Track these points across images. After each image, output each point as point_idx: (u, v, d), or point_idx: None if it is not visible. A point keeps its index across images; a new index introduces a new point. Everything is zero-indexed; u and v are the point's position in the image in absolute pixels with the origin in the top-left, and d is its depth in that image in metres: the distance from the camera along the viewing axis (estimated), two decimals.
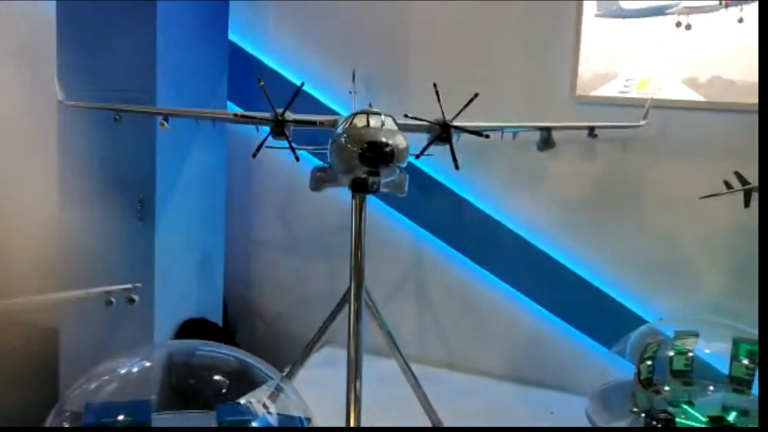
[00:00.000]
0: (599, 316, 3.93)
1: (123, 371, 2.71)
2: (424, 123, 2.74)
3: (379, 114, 2.48)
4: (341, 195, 4.35)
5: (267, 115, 2.78)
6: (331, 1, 4.37)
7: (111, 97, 3.59)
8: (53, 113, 3.92)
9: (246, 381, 2.88)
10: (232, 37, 4.36)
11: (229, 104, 4.34)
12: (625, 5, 3.62)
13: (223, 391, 2.82)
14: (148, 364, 2.81)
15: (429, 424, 3.44)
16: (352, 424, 2.91)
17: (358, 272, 2.99)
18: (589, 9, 3.69)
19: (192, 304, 4.12)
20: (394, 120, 2.52)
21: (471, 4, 4.06)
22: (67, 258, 4.02)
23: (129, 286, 2.61)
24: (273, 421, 2.68)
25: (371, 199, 4.32)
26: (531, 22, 3.93)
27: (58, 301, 3.59)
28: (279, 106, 2.89)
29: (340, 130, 2.50)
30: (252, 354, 4.45)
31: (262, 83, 2.69)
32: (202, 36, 4.04)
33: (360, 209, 2.96)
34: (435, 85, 2.75)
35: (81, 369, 2.74)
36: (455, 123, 2.74)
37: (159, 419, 2.72)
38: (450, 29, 4.12)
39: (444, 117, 2.73)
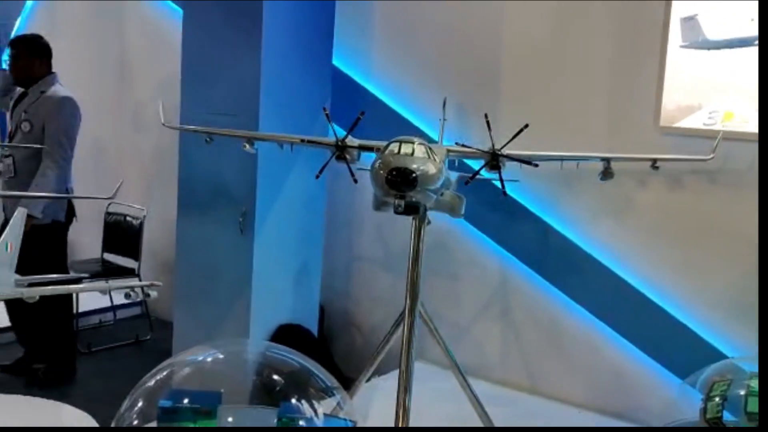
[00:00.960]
0: (679, 350, 3.85)
1: (196, 363, 3.05)
2: (476, 151, 2.90)
3: (411, 142, 2.66)
4: (438, 213, 4.60)
5: (332, 140, 3.05)
6: (431, 32, 4.61)
7: (223, 121, 4.02)
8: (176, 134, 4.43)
9: (305, 385, 3.14)
10: (336, 62, 4.70)
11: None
12: (710, 36, 3.58)
13: (285, 391, 3.10)
14: (221, 357, 3.16)
15: None
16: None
17: (413, 289, 3.17)
18: (675, 40, 3.67)
19: (288, 310, 4.45)
20: (429, 148, 2.69)
21: (561, 37, 4.14)
22: (182, 260, 4.52)
23: (148, 283, 2.94)
24: (320, 422, 2.92)
25: (462, 222, 4.52)
26: (617, 52, 3.95)
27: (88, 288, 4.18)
28: (378, 132, 3.12)
29: (377, 156, 2.72)
30: (348, 363, 4.79)
31: (327, 111, 2.97)
32: (306, 63, 4.38)
33: (418, 231, 3.16)
34: (486, 116, 2.91)
35: None
36: (505, 152, 2.88)
37: (224, 409, 3.04)
38: (539, 62, 4.23)
39: (493, 146, 2.88)
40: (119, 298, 5.95)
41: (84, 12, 6.51)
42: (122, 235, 5.77)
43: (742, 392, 3.22)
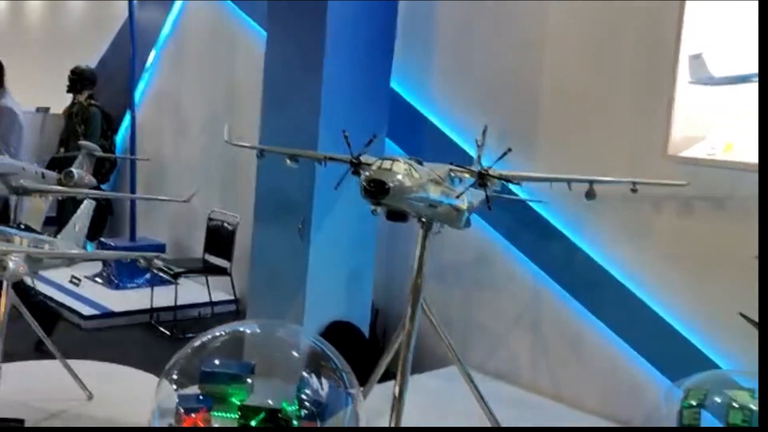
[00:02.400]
0: (685, 365, 4.08)
1: (228, 338, 3.70)
2: (465, 170, 3.37)
3: (393, 160, 3.15)
4: (481, 230, 5.06)
5: (347, 157, 3.60)
6: (481, 65, 5.10)
7: (288, 141, 4.67)
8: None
9: (322, 366, 3.72)
10: (394, 85, 5.27)
11: (389, 143, 5.25)
12: (715, 73, 3.85)
13: (305, 368, 3.69)
14: (258, 332, 3.81)
15: None
16: (393, 422, 3.54)
17: (416, 294, 3.64)
18: (684, 75, 3.97)
19: (341, 309, 5.03)
20: (410, 166, 3.16)
21: (589, 74, 4.54)
22: (256, 261, 5.23)
23: (154, 255, 3.59)
24: (324, 393, 3.48)
25: (497, 236, 4.95)
26: (635, 87, 4.29)
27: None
28: (429, 153, 3.57)
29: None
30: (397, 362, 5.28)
31: (346, 134, 3.54)
32: (365, 86, 4.91)
33: (423, 239, 3.65)
34: (477, 141, 3.39)
35: None
36: (491, 172, 3.33)
37: (254, 378, 3.65)
38: (571, 95, 4.63)
39: (481, 166, 3.34)
40: (217, 295, 6.79)
41: (203, 46, 7.48)
42: (219, 238, 6.63)
43: (719, 400, 3.46)
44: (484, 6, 5.08)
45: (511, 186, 4.48)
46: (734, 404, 3.45)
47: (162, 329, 6.30)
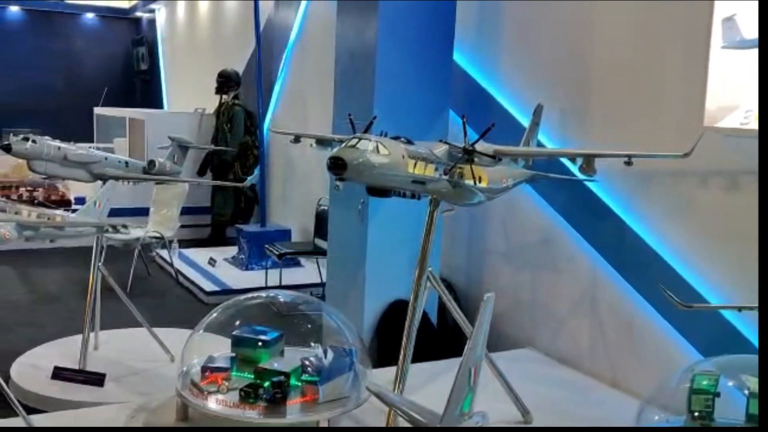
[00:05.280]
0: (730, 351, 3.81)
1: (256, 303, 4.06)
2: (457, 147, 3.41)
3: (361, 139, 3.26)
4: (544, 211, 5.06)
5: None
6: (543, 44, 5.03)
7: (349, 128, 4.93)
8: None
9: (337, 334, 3.96)
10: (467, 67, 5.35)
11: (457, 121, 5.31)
12: (747, 35, 3.56)
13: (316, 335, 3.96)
14: (287, 301, 4.13)
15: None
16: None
17: (421, 268, 3.73)
18: (717, 41, 3.70)
19: (404, 289, 5.17)
20: (380, 143, 3.25)
21: (631, 47, 4.36)
22: (331, 242, 5.55)
23: (123, 222, 3.94)
24: (327, 362, 3.71)
25: (558, 218, 4.89)
26: (669, 56, 4.05)
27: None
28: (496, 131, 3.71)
29: None
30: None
31: (351, 117, 3.72)
32: (425, 64, 5.03)
33: (430, 215, 3.75)
34: (463, 117, 3.43)
35: None
36: (476, 148, 3.36)
37: (279, 345, 3.95)
38: (617, 71, 4.46)
39: (466, 143, 3.38)
40: None
41: (323, 45, 7.94)
42: (326, 223, 7.02)
43: (731, 383, 3.22)
44: None
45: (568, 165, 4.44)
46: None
47: (273, 306, 6.82)
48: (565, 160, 4.47)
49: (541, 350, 5.08)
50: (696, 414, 3.21)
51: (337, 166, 3.13)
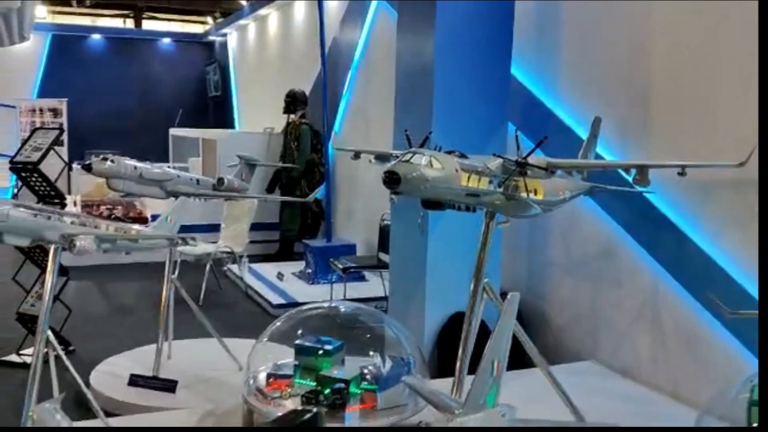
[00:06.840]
0: None
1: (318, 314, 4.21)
2: (509, 160, 3.49)
3: (415, 153, 3.35)
4: (605, 223, 5.09)
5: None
6: (601, 59, 5.06)
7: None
8: None
9: (396, 345, 4.07)
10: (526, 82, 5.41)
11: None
12: None
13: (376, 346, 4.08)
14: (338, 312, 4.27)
15: None
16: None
17: (477, 281, 3.81)
18: None
19: (464, 302, 5.24)
20: (433, 158, 3.34)
21: (696, 59, 4.36)
22: (393, 255, 5.67)
23: (191, 235, 4.09)
24: (385, 371, 3.83)
25: (619, 230, 4.90)
26: (741, 63, 4.05)
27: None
28: (553, 145, 3.79)
29: None
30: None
31: (408, 133, 3.84)
32: (483, 78, 5.10)
33: (486, 226, 3.83)
34: (516, 131, 3.51)
35: None
36: (528, 160, 3.43)
37: (340, 354, 4.09)
38: (681, 82, 4.46)
39: (519, 156, 3.45)
40: None
41: (386, 62, 8.11)
42: (388, 238, 7.15)
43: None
44: (603, 3, 5.05)
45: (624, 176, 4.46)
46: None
47: (336, 318, 6.99)
48: (623, 172, 4.49)
49: (602, 363, 5.08)
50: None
51: (391, 180, 3.25)
